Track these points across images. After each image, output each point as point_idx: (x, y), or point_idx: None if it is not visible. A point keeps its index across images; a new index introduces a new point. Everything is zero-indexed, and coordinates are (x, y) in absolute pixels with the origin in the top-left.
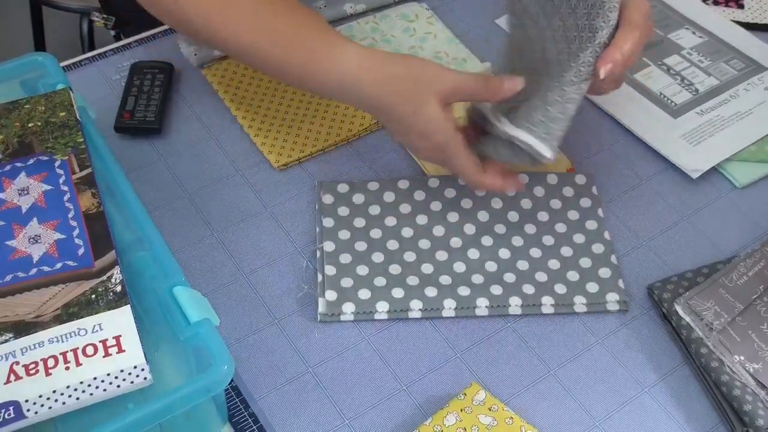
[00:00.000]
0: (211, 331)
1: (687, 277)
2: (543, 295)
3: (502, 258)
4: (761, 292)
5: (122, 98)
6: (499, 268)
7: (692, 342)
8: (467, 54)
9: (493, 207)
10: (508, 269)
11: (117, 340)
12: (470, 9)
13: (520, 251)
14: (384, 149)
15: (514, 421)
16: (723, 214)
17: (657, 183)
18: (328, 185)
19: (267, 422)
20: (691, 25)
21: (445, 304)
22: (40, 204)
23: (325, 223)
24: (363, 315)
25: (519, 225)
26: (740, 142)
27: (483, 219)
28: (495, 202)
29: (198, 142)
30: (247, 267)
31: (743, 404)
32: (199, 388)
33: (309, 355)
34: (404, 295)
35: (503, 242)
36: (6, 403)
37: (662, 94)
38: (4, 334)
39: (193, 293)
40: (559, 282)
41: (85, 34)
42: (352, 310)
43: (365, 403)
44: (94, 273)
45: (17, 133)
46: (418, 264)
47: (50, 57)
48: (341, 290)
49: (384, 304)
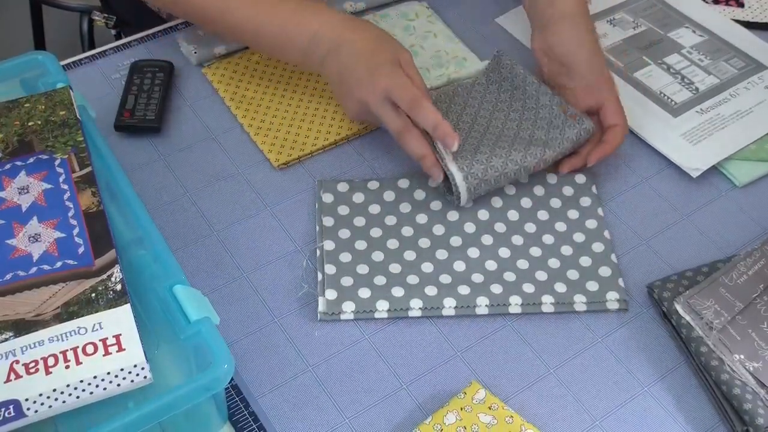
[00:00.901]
0: (211, 329)
1: (687, 276)
2: (543, 294)
3: (502, 257)
4: (761, 290)
5: (122, 97)
6: (499, 266)
7: (692, 341)
8: (467, 53)
9: (493, 206)
10: (508, 268)
11: (117, 338)
12: (470, 8)
13: (520, 250)
14: (384, 148)
15: (514, 420)
16: (723, 213)
17: (657, 182)
18: (328, 184)
19: (267, 421)
20: (691, 23)
21: (445, 303)
22: (40, 203)
23: (325, 222)
24: (363, 314)
25: (519, 224)
26: (740, 140)
27: (483, 218)
28: (495, 201)
29: (198, 141)
30: (247, 266)
31: (743, 403)
32: (199, 386)
33: (309, 354)
34: (404, 294)
35: (503, 241)
36: (6, 401)
37: (662, 92)
38: (4, 332)
39: (193, 292)
40: (559, 281)
41: (85, 32)
42: (352, 309)
43: (365, 401)
44: (94, 272)
45: (17, 131)
46: (418, 263)
47: (50, 56)
48: (341, 289)
49: (384, 303)
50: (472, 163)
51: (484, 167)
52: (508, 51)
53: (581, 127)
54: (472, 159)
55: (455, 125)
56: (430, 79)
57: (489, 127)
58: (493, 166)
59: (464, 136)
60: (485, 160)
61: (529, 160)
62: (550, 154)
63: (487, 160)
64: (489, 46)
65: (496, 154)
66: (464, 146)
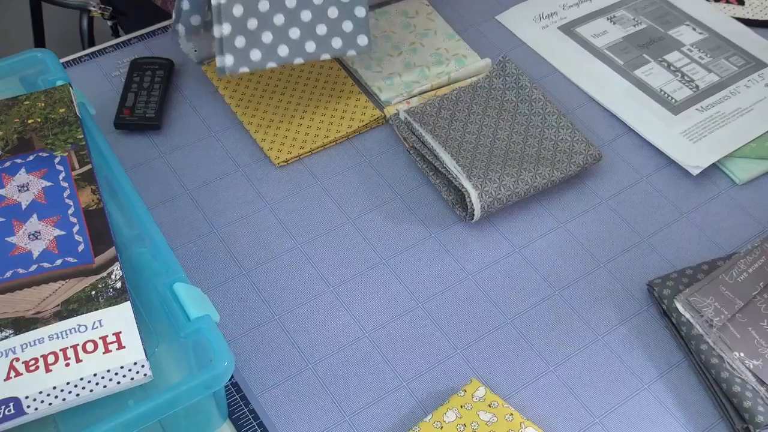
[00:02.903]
0: (211, 327)
1: (687, 273)
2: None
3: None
4: (761, 288)
5: (122, 94)
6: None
7: (692, 338)
8: (467, 50)
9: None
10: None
11: (117, 336)
12: (470, 5)
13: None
14: (382, 145)
15: (514, 418)
16: (723, 211)
17: (657, 180)
18: None
19: (267, 418)
20: (691, 21)
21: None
22: (39, 200)
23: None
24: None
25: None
26: (740, 138)
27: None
28: None
29: (198, 139)
30: (247, 263)
31: (743, 400)
32: (199, 384)
33: (309, 351)
34: (289, 53)
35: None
36: (6, 399)
37: (662, 90)
38: (4, 330)
39: (193, 290)
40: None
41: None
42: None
43: (365, 399)
44: (94, 269)
45: (17, 129)
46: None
47: (50, 53)
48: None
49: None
50: (485, 182)
51: (497, 186)
52: (508, 48)
53: (588, 154)
54: (485, 177)
55: (461, 136)
56: (430, 77)
57: (495, 140)
58: (506, 185)
59: (472, 151)
60: (497, 178)
61: (539, 181)
62: (558, 176)
63: (500, 178)
64: (489, 43)
65: (507, 173)
66: (474, 162)
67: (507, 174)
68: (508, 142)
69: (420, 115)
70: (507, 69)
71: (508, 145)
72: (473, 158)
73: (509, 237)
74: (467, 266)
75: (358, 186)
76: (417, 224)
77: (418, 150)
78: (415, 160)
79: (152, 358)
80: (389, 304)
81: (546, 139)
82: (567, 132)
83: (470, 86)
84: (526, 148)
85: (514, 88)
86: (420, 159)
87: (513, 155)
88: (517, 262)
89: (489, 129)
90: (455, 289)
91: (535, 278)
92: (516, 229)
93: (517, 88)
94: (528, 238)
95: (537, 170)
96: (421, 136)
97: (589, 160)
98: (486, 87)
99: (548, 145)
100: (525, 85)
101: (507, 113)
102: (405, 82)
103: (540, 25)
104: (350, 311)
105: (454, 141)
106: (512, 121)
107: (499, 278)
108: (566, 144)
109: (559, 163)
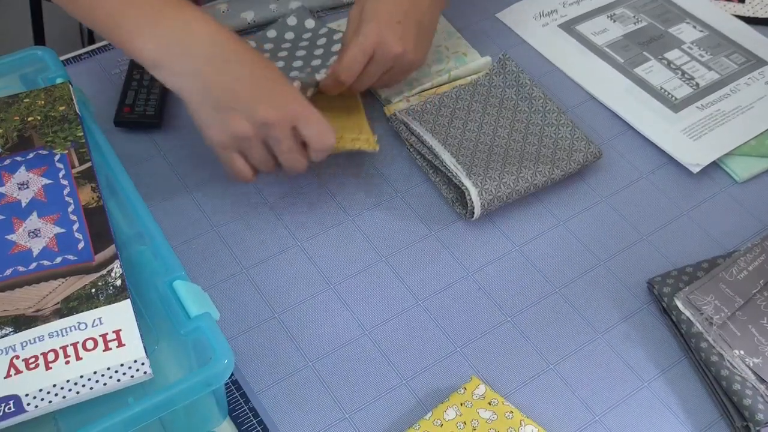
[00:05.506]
0: (211, 325)
1: (687, 271)
2: None
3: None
4: (761, 286)
5: (122, 92)
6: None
7: (692, 336)
8: (467, 48)
9: None
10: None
11: (117, 334)
12: (470, 3)
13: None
14: (382, 143)
15: (514, 416)
16: (723, 209)
17: (657, 177)
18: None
19: (267, 416)
20: (691, 19)
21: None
22: (39, 198)
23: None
24: None
25: None
26: (741, 136)
27: None
28: None
29: (198, 137)
30: (247, 261)
31: (743, 398)
32: (199, 382)
33: (309, 349)
34: None
35: None
36: (6, 397)
37: (663, 88)
38: (4, 328)
39: (193, 287)
40: None
41: (84, 27)
42: None
43: (365, 397)
44: (94, 267)
45: (17, 127)
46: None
47: (50, 51)
48: None
49: None
50: (485, 179)
51: (497, 183)
52: (508, 46)
53: (588, 151)
54: (485, 175)
55: (461, 134)
56: (430, 75)
57: (495, 138)
58: (506, 183)
59: (471, 149)
60: (497, 176)
61: (539, 179)
62: (558, 174)
63: (500, 176)
64: (489, 41)
65: (507, 171)
66: (474, 160)
67: (507, 172)
68: (508, 140)
69: (420, 113)
70: (507, 67)
71: (508, 143)
72: (473, 156)
73: (509, 235)
74: (467, 264)
75: (358, 184)
76: (417, 222)
77: (417, 149)
78: (415, 158)
79: (152, 355)
80: (389, 301)
81: (546, 136)
82: (567, 130)
83: (470, 84)
84: (526, 146)
85: (514, 86)
86: (420, 157)
87: (513, 153)
88: (517, 259)
89: (489, 127)
90: (455, 287)
91: (535, 276)
92: (516, 227)
93: (517, 86)
94: (528, 236)
95: (537, 168)
96: (420, 135)
97: (589, 158)
98: (486, 85)
99: (548, 142)
100: (525, 83)
101: (507, 111)
102: (405, 80)
103: (540, 22)
104: (350, 309)
105: (454, 139)
106: (512, 119)
107: (499, 276)
108: (566, 142)
109: (559, 161)
